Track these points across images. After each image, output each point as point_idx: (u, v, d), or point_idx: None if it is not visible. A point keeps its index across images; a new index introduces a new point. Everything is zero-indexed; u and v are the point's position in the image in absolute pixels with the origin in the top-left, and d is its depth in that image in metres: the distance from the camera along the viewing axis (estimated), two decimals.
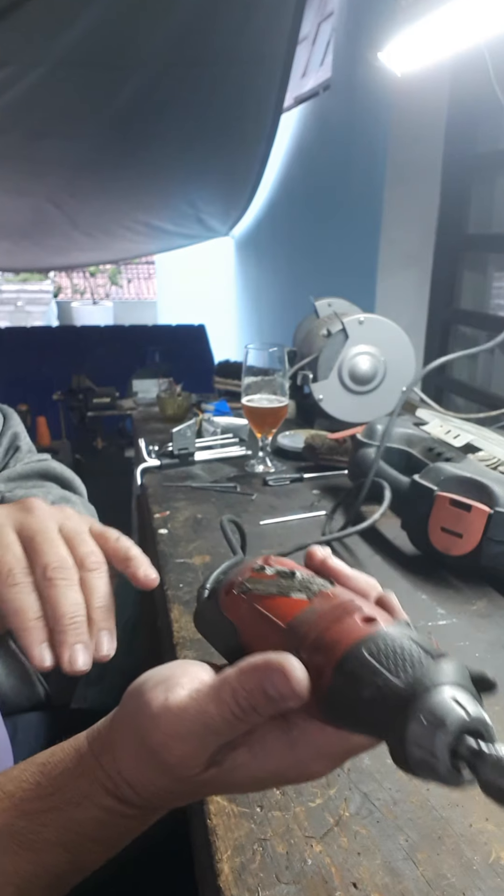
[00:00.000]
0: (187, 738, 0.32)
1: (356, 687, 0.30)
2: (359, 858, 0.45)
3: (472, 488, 0.80)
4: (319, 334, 1.38)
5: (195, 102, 2.56)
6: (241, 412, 1.29)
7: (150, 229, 3.75)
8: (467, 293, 1.86)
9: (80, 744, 0.36)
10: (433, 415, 1.16)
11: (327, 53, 2.42)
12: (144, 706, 0.33)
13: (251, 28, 2.23)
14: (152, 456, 1.26)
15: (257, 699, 0.31)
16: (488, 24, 1.02)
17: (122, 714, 0.35)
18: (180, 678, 0.34)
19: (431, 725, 0.28)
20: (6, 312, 8.75)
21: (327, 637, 0.32)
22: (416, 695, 0.28)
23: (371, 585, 0.38)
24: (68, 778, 0.35)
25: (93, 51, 2.18)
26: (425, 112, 1.78)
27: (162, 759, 0.33)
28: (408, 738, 0.28)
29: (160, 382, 2.00)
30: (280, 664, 0.31)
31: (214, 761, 0.33)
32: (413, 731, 0.28)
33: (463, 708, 0.28)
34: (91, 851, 0.36)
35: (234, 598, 0.39)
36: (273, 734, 0.33)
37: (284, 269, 3.09)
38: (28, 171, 2.94)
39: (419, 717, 0.28)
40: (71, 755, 0.36)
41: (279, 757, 0.33)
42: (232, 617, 0.39)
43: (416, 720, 0.28)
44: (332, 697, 0.31)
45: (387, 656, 0.30)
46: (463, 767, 0.28)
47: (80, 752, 0.36)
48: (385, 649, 0.30)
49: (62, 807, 0.34)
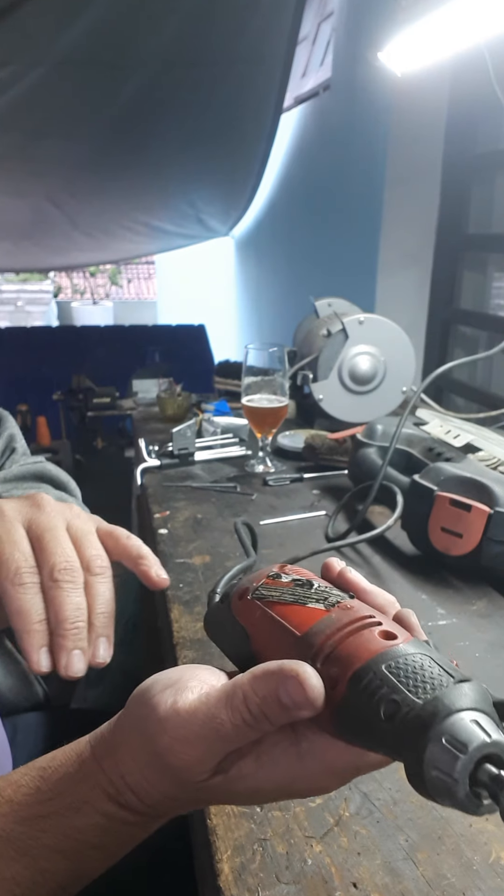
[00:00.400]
0: (195, 742, 0.31)
1: (372, 702, 0.29)
2: (359, 858, 0.45)
3: (472, 488, 0.80)
4: (319, 334, 1.38)
5: (195, 102, 2.56)
6: (241, 412, 1.29)
7: (150, 229, 3.75)
8: (467, 293, 1.86)
9: (81, 748, 0.36)
10: (433, 415, 1.16)
11: (327, 53, 2.42)
12: (152, 709, 0.33)
13: (251, 28, 2.23)
14: (152, 456, 1.26)
15: (270, 707, 0.30)
16: (488, 24, 1.02)
17: (127, 717, 0.35)
18: (189, 682, 0.33)
19: (452, 748, 0.27)
20: (6, 312, 8.75)
21: (344, 649, 0.31)
22: (437, 715, 0.28)
23: (389, 602, 0.37)
24: (69, 783, 0.34)
25: (93, 51, 2.18)
26: (425, 112, 1.78)
27: (168, 763, 0.32)
28: (426, 759, 0.27)
29: (160, 382, 2.00)
30: (295, 671, 0.30)
31: (221, 768, 0.32)
32: (432, 753, 0.27)
33: (486, 732, 0.27)
34: (91, 859, 0.35)
35: (247, 603, 0.38)
36: (282, 745, 0.32)
37: (284, 269, 3.09)
38: (28, 171, 2.94)
39: (440, 739, 0.27)
40: (72, 759, 0.35)
41: (286, 769, 0.32)
42: (244, 622, 0.38)
43: (436, 742, 0.27)
44: (346, 711, 0.30)
45: (406, 674, 0.29)
46: (483, 794, 0.27)
47: (81, 756, 0.35)
48: (405, 667, 0.29)
49: (62, 812, 0.34)
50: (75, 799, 0.34)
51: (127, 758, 0.34)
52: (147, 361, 3.78)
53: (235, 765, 0.32)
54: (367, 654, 0.30)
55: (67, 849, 0.34)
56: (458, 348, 1.91)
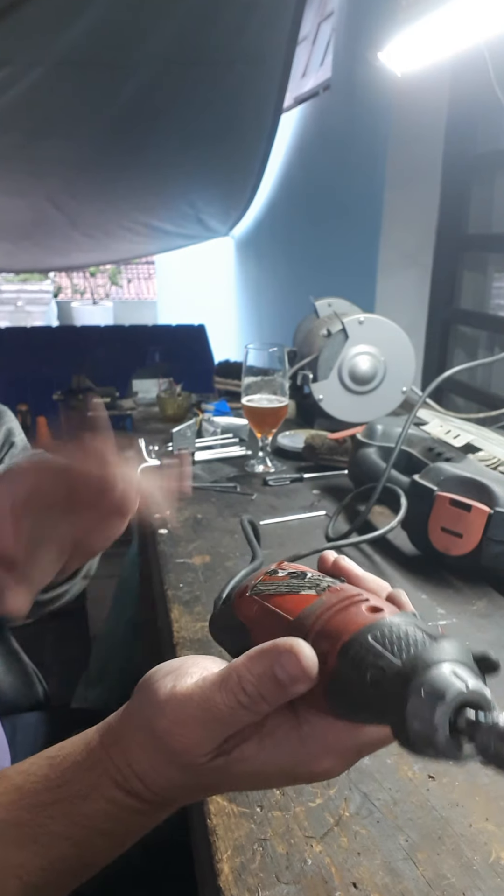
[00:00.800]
0: (192, 724, 0.32)
1: (360, 671, 0.30)
2: (359, 858, 0.45)
3: (472, 488, 0.80)
4: (319, 334, 1.38)
5: (195, 102, 2.56)
6: (241, 412, 1.29)
7: (150, 230, 3.74)
8: (467, 293, 1.86)
9: (90, 737, 0.36)
10: (433, 415, 1.16)
11: (327, 53, 2.42)
12: (153, 694, 0.34)
13: (251, 28, 2.23)
14: (152, 456, 1.26)
15: (266, 685, 0.31)
16: (488, 24, 1.02)
17: (132, 705, 0.36)
18: (189, 668, 0.34)
19: (431, 697, 0.28)
20: (6, 312, 8.74)
21: (333, 624, 0.32)
22: (416, 670, 0.29)
23: (381, 586, 0.38)
24: (77, 771, 0.35)
25: (93, 51, 2.18)
26: (425, 112, 1.78)
27: (168, 746, 0.33)
28: (408, 713, 0.28)
29: (160, 382, 2.00)
30: (289, 644, 0.31)
31: (222, 751, 0.33)
32: (413, 706, 0.28)
33: (462, 681, 0.28)
34: (99, 846, 0.35)
35: (246, 600, 0.39)
36: (284, 728, 0.33)
37: (284, 269, 3.09)
38: (28, 171, 2.94)
39: (420, 691, 0.28)
40: (80, 748, 0.36)
41: (289, 752, 0.33)
42: (244, 619, 0.39)
43: (416, 695, 0.28)
44: (338, 685, 0.31)
45: (391, 641, 0.30)
46: (464, 740, 0.28)
47: (89, 745, 0.36)
48: (389, 635, 0.31)
49: (70, 799, 0.34)
50: (83, 786, 0.34)
51: (133, 745, 0.34)
52: (147, 361, 3.77)
53: (238, 747, 0.33)
54: (354, 626, 0.31)
55: (75, 836, 0.34)
56: (458, 348, 1.91)
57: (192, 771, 0.33)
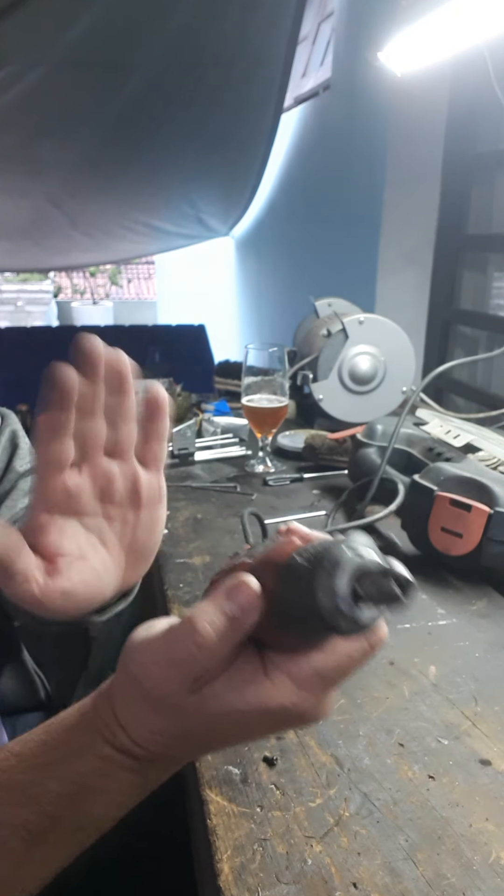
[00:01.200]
0: (160, 662, 0.34)
1: (293, 588, 0.33)
2: (359, 858, 0.45)
3: (472, 488, 0.80)
4: (319, 334, 1.38)
5: (195, 102, 2.56)
6: (241, 412, 1.29)
7: (150, 230, 3.74)
8: (467, 293, 1.86)
9: (84, 703, 0.39)
10: (433, 415, 1.16)
11: (327, 53, 2.42)
12: (128, 644, 0.36)
13: (251, 28, 2.23)
14: None
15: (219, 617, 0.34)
16: (488, 24, 1.02)
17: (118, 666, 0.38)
18: (162, 621, 0.37)
19: (330, 568, 0.31)
20: (6, 312, 8.74)
21: (270, 558, 0.36)
22: (322, 558, 0.32)
23: None
24: (70, 731, 0.37)
25: (93, 51, 2.18)
26: (425, 112, 1.78)
27: (141, 685, 0.35)
28: (317, 593, 0.31)
29: (160, 382, 2.00)
30: (237, 578, 0.34)
31: (193, 689, 0.34)
32: (319, 583, 0.31)
33: (358, 555, 0.31)
34: (97, 804, 0.37)
35: (215, 584, 0.41)
36: (250, 665, 0.35)
37: (284, 269, 3.09)
38: (28, 171, 2.94)
39: (322, 567, 0.31)
40: (74, 713, 0.38)
41: (257, 688, 0.35)
42: None
43: (321, 576, 0.31)
44: (280, 608, 0.34)
45: (312, 555, 0.33)
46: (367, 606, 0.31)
47: (82, 708, 0.38)
48: (313, 549, 0.33)
49: (64, 759, 0.36)
50: (76, 746, 0.37)
51: (117, 696, 0.37)
52: (147, 361, 3.77)
53: (208, 685, 0.35)
54: (286, 554, 0.35)
55: (72, 793, 0.36)
56: (458, 348, 1.91)
57: (170, 714, 0.35)
